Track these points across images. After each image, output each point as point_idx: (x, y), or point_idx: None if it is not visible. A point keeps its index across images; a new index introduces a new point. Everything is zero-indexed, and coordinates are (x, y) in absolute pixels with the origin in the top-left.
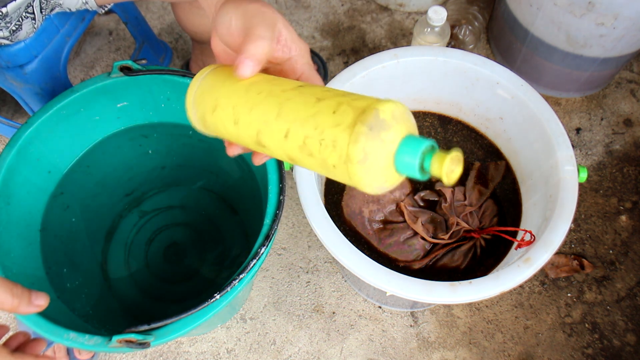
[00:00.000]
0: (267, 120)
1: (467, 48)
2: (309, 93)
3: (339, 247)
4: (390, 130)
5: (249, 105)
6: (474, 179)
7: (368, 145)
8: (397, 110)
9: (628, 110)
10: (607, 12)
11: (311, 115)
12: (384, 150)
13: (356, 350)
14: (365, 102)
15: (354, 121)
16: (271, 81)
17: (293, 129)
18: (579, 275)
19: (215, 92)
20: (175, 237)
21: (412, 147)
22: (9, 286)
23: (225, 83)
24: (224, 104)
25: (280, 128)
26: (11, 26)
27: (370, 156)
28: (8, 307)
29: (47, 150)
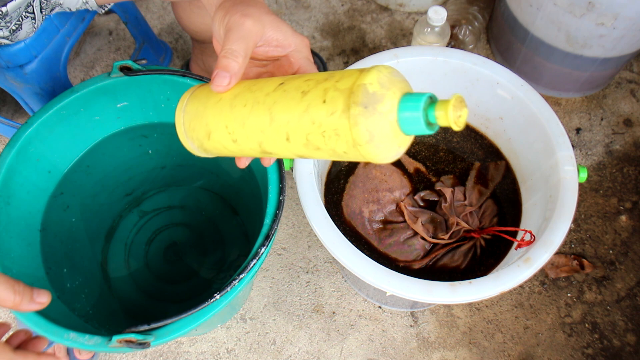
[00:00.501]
0: (263, 129)
1: (467, 48)
2: (293, 89)
3: (339, 247)
4: (385, 100)
5: (240, 120)
6: (474, 179)
7: (369, 124)
8: (384, 76)
9: (628, 110)
10: (607, 12)
11: (304, 112)
12: (386, 121)
13: (356, 350)
14: (349, 81)
15: (347, 105)
16: (251, 88)
17: (292, 131)
18: (579, 275)
19: (203, 118)
20: (175, 237)
21: (412, 107)
22: (10, 283)
23: (207, 105)
24: (215, 127)
25: (279, 133)
26: (11, 26)
27: (376, 132)
28: (10, 304)
29: (47, 150)
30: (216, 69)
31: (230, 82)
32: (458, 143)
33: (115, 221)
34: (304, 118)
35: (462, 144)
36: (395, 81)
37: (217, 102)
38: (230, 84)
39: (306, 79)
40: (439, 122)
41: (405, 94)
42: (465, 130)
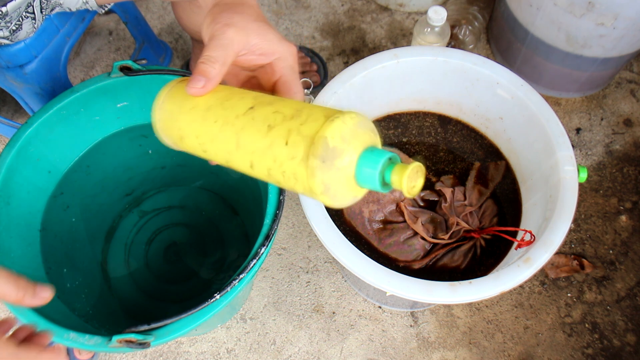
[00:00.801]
0: (229, 150)
1: (467, 48)
2: (261, 119)
3: (339, 247)
4: (344, 155)
5: (209, 135)
6: (474, 179)
7: (326, 178)
8: (347, 130)
9: (628, 110)
10: (607, 12)
11: (267, 147)
12: (343, 176)
13: (356, 350)
14: (314, 127)
15: (306, 154)
16: (224, 105)
17: (255, 161)
18: (579, 275)
19: (177, 122)
20: (175, 237)
21: (369, 167)
22: (13, 278)
23: (182, 110)
24: (187, 133)
25: (243, 159)
26: (11, 26)
27: (332, 185)
28: (13, 299)
29: (47, 150)
30: (194, 73)
31: (206, 87)
32: (458, 143)
33: (115, 221)
34: (267, 154)
35: (462, 144)
36: (360, 134)
37: (191, 109)
38: (205, 89)
39: (274, 109)
40: (393, 185)
41: (367, 149)
42: (465, 130)
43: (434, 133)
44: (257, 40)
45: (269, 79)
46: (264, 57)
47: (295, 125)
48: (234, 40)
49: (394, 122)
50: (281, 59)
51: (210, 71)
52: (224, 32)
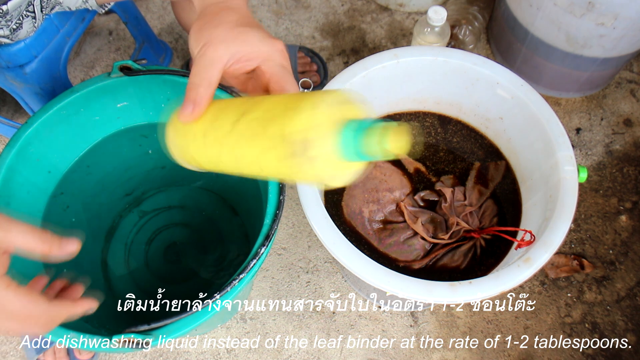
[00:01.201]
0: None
1: (467, 48)
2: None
3: (339, 247)
4: (317, 145)
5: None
6: (474, 179)
7: (308, 169)
8: (314, 117)
9: (628, 110)
10: (607, 12)
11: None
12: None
13: (356, 350)
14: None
15: (284, 155)
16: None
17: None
18: (579, 275)
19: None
20: (175, 237)
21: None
22: (37, 233)
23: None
24: (200, 160)
25: (250, 169)
26: (11, 25)
27: (320, 172)
28: (39, 253)
29: (47, 150)
30: (184, 101)
31: (194, 113)
32: (458, 143)
33: (115, 221)
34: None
35: (462, 144)
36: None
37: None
38: (194, 115)
39: (253, 117)
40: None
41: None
42: (465, 130)
43: (434, 133)
44: (238, 48)
45: (261, 82)
46: (251, 62)
47: (268, 128)
48: (214, 59)
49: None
50: (267, 59)
51: (196, 98)
52: (204, 54)
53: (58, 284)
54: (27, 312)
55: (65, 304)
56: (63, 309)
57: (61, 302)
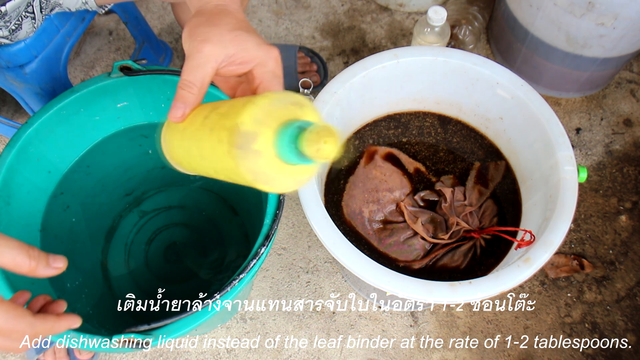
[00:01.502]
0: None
1: (467, 48)
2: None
3: (339, 247)
4: (258, 137)
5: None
6: (474, 179)
7: (249, 164)
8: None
9: (628, 110)
10: (607, 12)
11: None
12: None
13: (356, 350)
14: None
15: (228, 146)
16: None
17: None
18: (579, 275)
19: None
20: (175, 237)
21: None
22: (25, 248)
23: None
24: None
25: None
26: (11, 25)
27: (259, 170)
28: (25, 270)
29: (47, 150)
30: (174, 100)
31: (185, 113)
32: (458, 143)
33: (115, 221)
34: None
35: (462, 144)
36: (274, 111)
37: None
38: (184, 115)
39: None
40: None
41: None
42: (465, 130)
43: (434, 133)
44: (234, 50)
45: (252, 85)
46: (244, 66)
47: (223, 121)
48: (210, 57)
49: (394, 122)
50: (260, 64)
51: (188, 97)
52: (199, 50)
53: (40, 300)
54: (10, 326)
55: (50, 318)
56: (47, 324)
57: (45, 317)
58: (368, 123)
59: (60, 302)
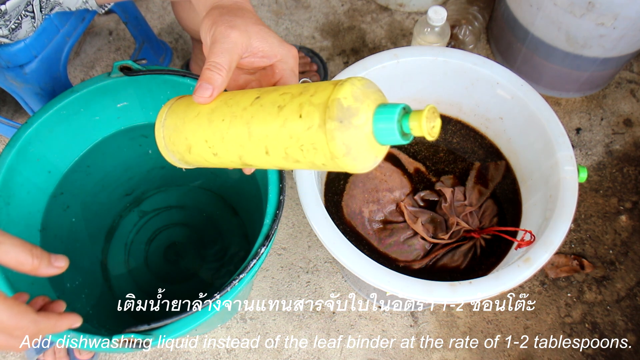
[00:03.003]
0: (242, 144)
1: (467, 48)
2: (269, 103)
3: (339, 247)
4: (359, 113)
5: (219, 135)
6: (474, 179)
7: (346, 138)
8: (357, 89)
9: (628, 110)
10: (607, 12)
11: (281, 126)
12: (362, 134)
13: (356, 350)
14: (324, 95)
15: (323, 120)
16: (228, 102)
17: (270, 145)
18: (579, 275)
19: (182, 133)
20: (175, 237)
21: (386, 119)
22: (27, 247)
23: (186, 120)
24: (195, 141)
25: (258, 147)
26: (10, 24)
27: (352, 145)
28: (28, 268)
29: (47, 150)
30: (200, 80)
31: (213, 95)
32: (458, 143)
33: (115, 221)
34: (282, 133)
35: (462, 144)
36: (369, 93)
37: (195, 117)
38: (212, 96)
39: (282, 92)
40: (413, 132)
41: (379, 106)
42: (465, 130)
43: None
44: (258, 43)
45: (269, 80)
46: (266, 59)
47: (305, 98)
48: (237, 43)
49: None
50: (282, 61)
51: (216, 79)
52: (228, 35)
53: (40, 301)
54: (14, 323)
55: (52, 316)
56: (49, 322)
57: (47, 315)
58: None
59: (59, 302)
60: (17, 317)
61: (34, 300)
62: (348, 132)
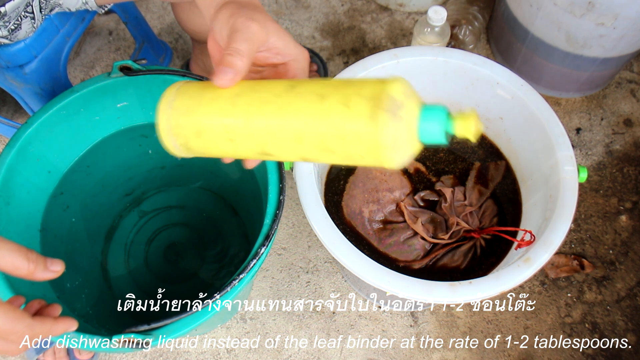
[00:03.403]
0: (270, 130)
1: (467, 48)
2: (308, 92)
3: (339, 247)
4: (407, 109)
5: (243, 119)
6: (474, 179)
7: (394, 130)
8: (404, 87)
9: (628, 110)
10: (607, 12)
11: (323, 114)
12: (409, 129)
13: (356, 350)
14: (375, 89)
15: (374, 111)
16: (255, 88)
17: (307, 133)
18: (579, 275)
19: (195, 115)
20: (175, 237)
21: (434, 118)
22: (24, 251)
23: (202, 102)
24: (210, 125)
25: (289, 135)
26: (10, 25)
27: (398, 139)
28: (24, 273)
29: (47, 150)
30: (221, 65)
31: (234, 79)
32: (458, 143)
33: (115, 221)
34: (323, 122)
35: (462, 144)
36: (413, 92)
37: (214, 100)
38: (233, 81)
39: (322, 85)
40: (459, 133)
41: (424, 105)
42: None
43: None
44: (275, 39)
45: (282, 77)
46: (280, 57)
47: (352, 90)
48: (257, 35)
49: None
50: (296, 60)
51: (238, 64)
52: (249, 27)
53: (35, 304)
54: (9, 328)
55: (47, 320)
56: (45, 326)
57: (42, 319)
58: None
59: (55, 306)
60: (13, 322)
61: (29, 304)
62: (398, 125)
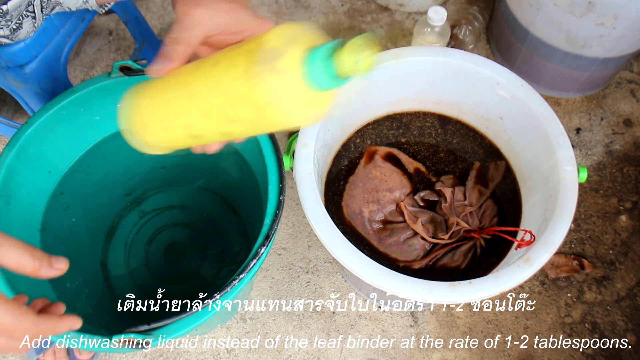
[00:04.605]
0: (184, 111)
1: (467, 48)
2: (207, 63)
3: (339, 247)
4: (286, 55)
5: (167, 106)
6: (474, 179)
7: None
8: (285, 33)
9: (628, 110)
10: (607, 12)
11: (213, 83)
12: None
13: (356, 350)
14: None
15: (246, 67)
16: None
17: (206, 105)
18: (579, 275)
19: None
20: (175, 237)
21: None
22: (28, 249)
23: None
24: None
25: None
26: (11, 25)
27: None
28: (29, 270)
29: (47, 150)
30: (156, 55)
31: (166, 68)
32: (458, 143)
33: (115, 221)
34: (214, 89)
35: (462, 144)
36: (301, 36)
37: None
38: (166, 69)
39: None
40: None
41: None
42: (465, 130)
43: (434, 134)
44: (226, 18)
45: None
46: (236, 36)
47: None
48: (201, 20)
49: (394, 122)
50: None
51: (171, 52)
52: (189, 14)
53: (39, 303)
54: (15, 324)
55: (52, 318)
56: (50, 323)
57: (47, 317)
58: (368, 123)
59: (59, 305)
60: (18, 318)
61: (33, 302)
62: (272, 76)
